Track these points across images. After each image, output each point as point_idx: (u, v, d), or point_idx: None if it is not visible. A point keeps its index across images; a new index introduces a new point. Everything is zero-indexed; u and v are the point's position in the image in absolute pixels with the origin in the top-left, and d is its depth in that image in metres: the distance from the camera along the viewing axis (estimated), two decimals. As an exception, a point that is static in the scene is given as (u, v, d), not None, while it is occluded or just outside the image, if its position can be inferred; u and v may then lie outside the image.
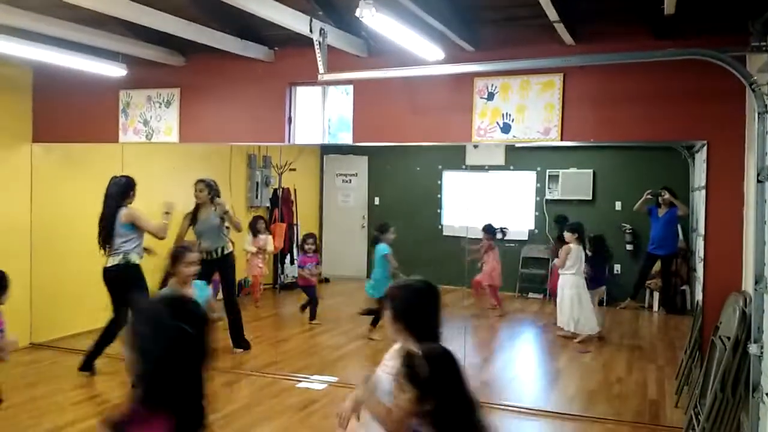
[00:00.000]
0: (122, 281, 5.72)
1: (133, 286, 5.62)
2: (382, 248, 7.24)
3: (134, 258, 5.86)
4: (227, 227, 6.70)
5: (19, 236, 6.79)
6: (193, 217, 6.59)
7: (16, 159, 6.81)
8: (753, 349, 3.91)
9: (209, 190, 6.58)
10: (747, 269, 4.48)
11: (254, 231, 8.60)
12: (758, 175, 3.93)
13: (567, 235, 7.37)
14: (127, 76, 6.25)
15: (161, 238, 5.89)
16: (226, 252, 6.65)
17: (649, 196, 8.19)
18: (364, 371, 2.99)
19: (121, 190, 5.89)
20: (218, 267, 6.64)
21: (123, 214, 5.84)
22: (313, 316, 7.95)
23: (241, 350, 6.59)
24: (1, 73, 6.57)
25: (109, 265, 5.85)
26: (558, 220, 8.54)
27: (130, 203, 5.94)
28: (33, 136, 6.95)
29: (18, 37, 5.27)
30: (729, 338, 4.15)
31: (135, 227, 5.86)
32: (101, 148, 6.82)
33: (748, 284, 4.31)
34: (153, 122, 6.51)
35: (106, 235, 5.84)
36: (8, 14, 4.83)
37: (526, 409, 5.34)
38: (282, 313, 9.28)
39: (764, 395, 3.81)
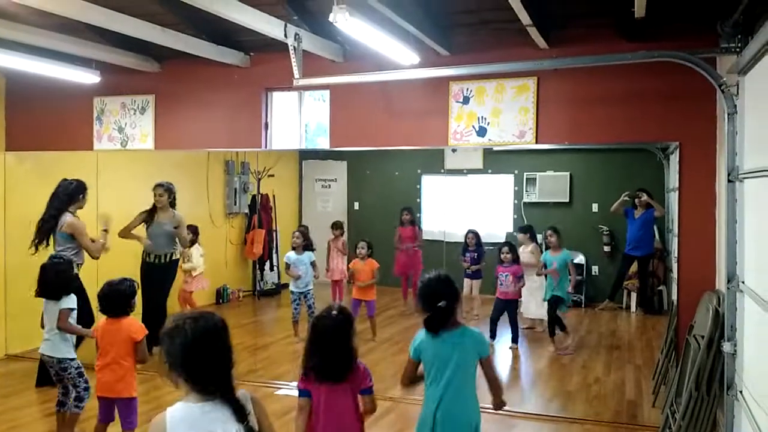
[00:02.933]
0: None
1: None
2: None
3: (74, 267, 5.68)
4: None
5: (-7, 246, 6.70)
6: (148, 217, 6.60)
7: (-12, 168, 6.72)
8: (726, 347, 3.95)
9: (169, 194, 6.61)
10: (720, 268, 4.54)
11: None
12: (729, 175, 3.99)
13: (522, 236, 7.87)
14: (101, 83, 6.21)
15: (94, 258, 5.79)
16: (173, 258, 6.69)
17: (626, 198, 8.27)
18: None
19: (68, 193, 5.72)
20: (162, 272, 6.64)
21: (67, 222, 5.65)
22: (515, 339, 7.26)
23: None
24: (-27, 81, 6.50)
25: None
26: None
27: (80, 207, 5.83)
28: (6, 145, 6.85)
29: (-11, 44, 5.22)
30: (703, 337, 4.20)
31: (71, 237, 5.70)
32: (76, 156, 6.75)
33: (721, 283, 4.36)
34: (128, 129, 6.46)
35: (42, 237, 5.68)
36: (-22, 21, 4.79)
37: (506, 411, 5.34)
38: (261, 320, 9.23)
39: (738, 393, 3.85)
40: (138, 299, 4.29)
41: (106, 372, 4.06)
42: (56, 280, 4.51)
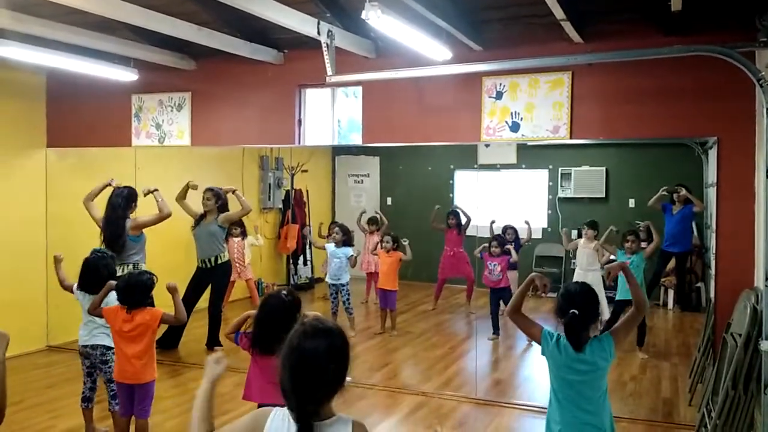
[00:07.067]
0: None
1: None
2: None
3: (143, 267, 5.86)
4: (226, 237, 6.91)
5: (35, 240, 6.89)
6: (196, 223, 6.71)
7: (31, 164, 6.91)
8: (764, 345, 3.88)
9: (217, 199, 6.68)
10: (758, 265, 4.45)
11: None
12: (767, 170, 3.91)
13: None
14: (139, 80, 6.33)
15: (168, 214, 5.93)
16: (220, 261, 6.76)
17: (664, 193, 8.14)
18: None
19: (124, 196, 5.84)
20: (211, 275, 6.76)
21: (129, 227, 5.82)
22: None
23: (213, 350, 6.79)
24: (15, 79, 6.67)
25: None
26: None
27: (132, 214, 5.95)
28: (47, 142, 7.05)
29: (31, 43, 5.35)
30: (741, 335, 4.13)
31: (138, 237, 5.88)
32: (114, 152, 6.90)
33: (759, 280, 4.28)
34: (165, 126, 6.58)
35: (119, 244, 5.77)
36: (20, 22, 4.92)
37: (540, 408, 5.32)
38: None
39: (776, 392, 3.79)
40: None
41: (131, 360, 4.11)
42: (106, 273, 4.49)
